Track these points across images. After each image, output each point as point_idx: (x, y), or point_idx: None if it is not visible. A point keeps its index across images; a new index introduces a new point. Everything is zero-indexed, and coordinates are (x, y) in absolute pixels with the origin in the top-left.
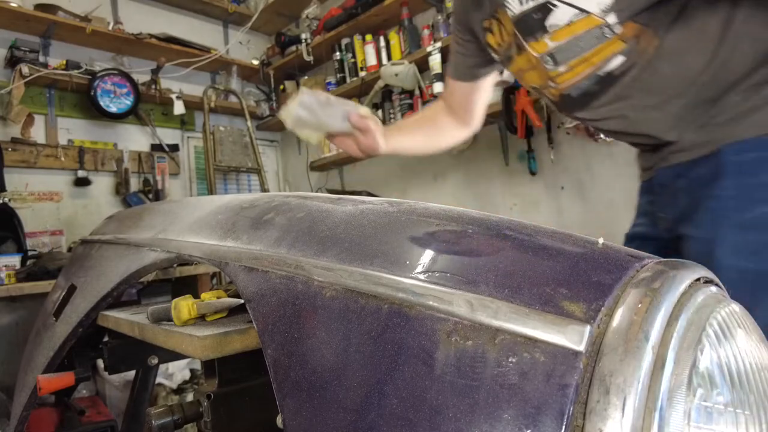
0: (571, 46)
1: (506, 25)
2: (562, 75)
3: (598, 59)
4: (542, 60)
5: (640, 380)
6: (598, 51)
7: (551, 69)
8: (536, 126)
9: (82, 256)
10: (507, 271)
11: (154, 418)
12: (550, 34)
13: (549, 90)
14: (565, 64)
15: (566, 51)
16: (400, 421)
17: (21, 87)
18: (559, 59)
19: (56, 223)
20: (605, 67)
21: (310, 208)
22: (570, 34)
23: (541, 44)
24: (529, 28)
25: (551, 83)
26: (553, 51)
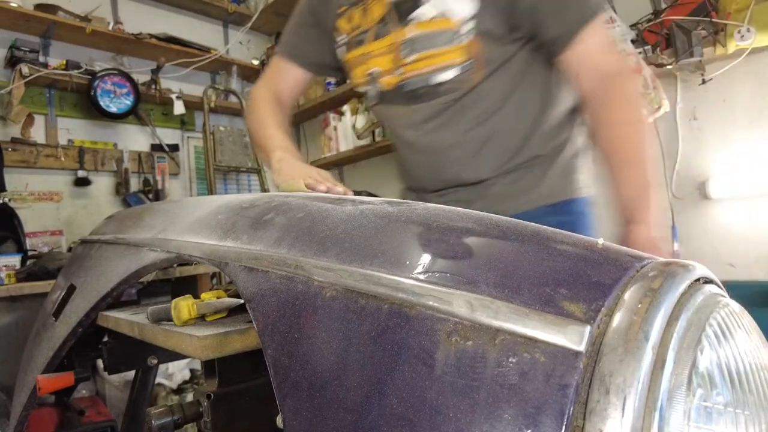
0: (425, 39)
1: (375, 10)
2: (409, 65)
3: (439, 60)
4: (401, 46)
5: (640, 380)
6: (442, 52)
7: (404, 56)
8: None
9: (81, 256)
10: (507, 271)
11: (154, 418)
12: (413, 24)
13: (391, 77)
14: (416, 54)
15: (421, 41)
16: (400, 421)
17: (21, 87)
18: (414, 47)
19: (56, 223)
20: (439, 76)
21: (310, 208)
22: (428, 28)
23: (402, 32)
24: (397, 15)
25: (400, 70)
26: (408, 40)
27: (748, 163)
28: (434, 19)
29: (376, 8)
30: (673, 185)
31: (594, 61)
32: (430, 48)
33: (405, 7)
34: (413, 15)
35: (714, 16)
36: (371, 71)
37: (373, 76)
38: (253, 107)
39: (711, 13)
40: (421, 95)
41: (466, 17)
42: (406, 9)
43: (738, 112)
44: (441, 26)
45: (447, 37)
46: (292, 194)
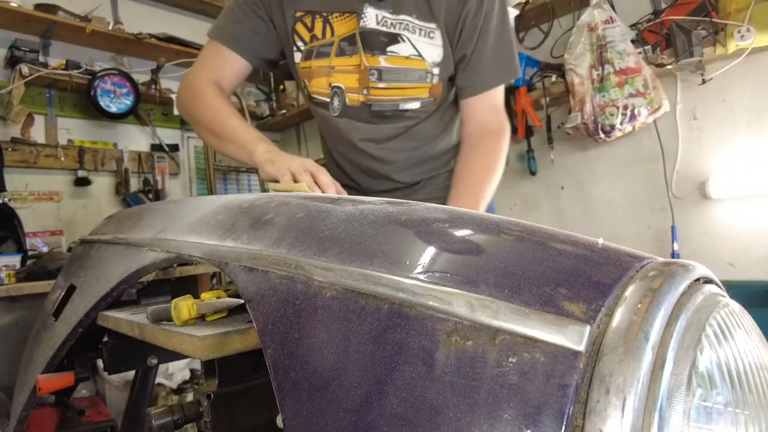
0: (398, 72)
1: (340, 27)
2: (378, 89)
3: (411, 93)
4: (369, 71)
5: (639, 380)
6: (414, 86)
7: (373, 80)
8: (536, 126)
9: (81, 256)
10: (507, 271)
11: (154, 418)
12: (386, 56)
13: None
14: (385, 83)
15: (393, 74)
16: (400, 421)
17: (21, 87)
18: (384, 77)
19: (56, 223)
20: (407, 104)
21: (310, 208)
22: (403, 64)
23: (375, 60)
24: (370, 43)
25: (365, 91)
26: (381, 69)
27: (748, 163)
28: (410, 57)
29: (339, 25)
30: (673, 185)
31: (483, 115)
32: (401, 80)
33: (375, 39)
34: (390, 49)
35: (714, 16)
36: (337, 85)
37: (338, 90)
38: (199, 94)
39: (711, 13)
40: (388, 117)
41: (435, 62)
42: (380, 40)
43: (738, 112)
44: (414, 65)
45: (420, 74)
46: (291, 194)
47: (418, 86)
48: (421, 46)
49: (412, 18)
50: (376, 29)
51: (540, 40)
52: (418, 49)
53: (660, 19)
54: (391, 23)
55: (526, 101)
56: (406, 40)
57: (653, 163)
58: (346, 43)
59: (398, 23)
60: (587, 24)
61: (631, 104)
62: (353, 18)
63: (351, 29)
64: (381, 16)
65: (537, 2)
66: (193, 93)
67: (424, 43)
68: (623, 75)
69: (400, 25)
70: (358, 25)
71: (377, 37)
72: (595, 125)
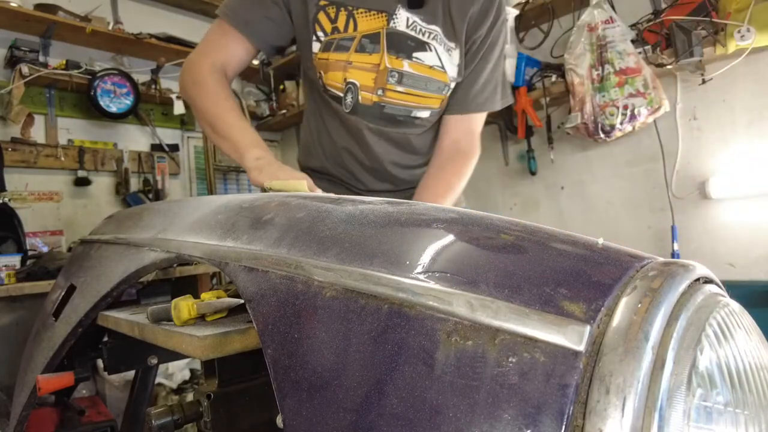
0: (420, 80)
1: (364, 23)
2: (395, 92)
3: (426, 102)
4: (389, 72)
5: (639, 380)
6: (431, 96)
7: (391, 83)
8: (536, 126)
9: (81, 256)
10: (507, 271)
11: (154, 418)
12: (411, 61)
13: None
14: (404, 87)
15: (414, 80)
16: (400, 421)
17: (21, 87)
18: (404, 81)
19: (56, 223)
20: (420, 112)
21: (310, 208)
22: (427, 72)
23: (398, 63)
24: (396, 45)
25: (380, 91)
26: (403, 72)
27: (748, 163)
28: (434, 67)
29: (364, 21)
30: (673, 185)
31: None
32: (421, 88)
33: (403, 42)
34: (417, 55)
35: (714, 16)
36: (352, 81)
37: (353, 86)
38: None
39: (711, 13)
40: (400, 121)
41: (453, 77)
42: (408, 44)
43: (738, 112)
44: (437, 76)
45: (439, 86)
46: (291, 194)
47: (434, 96)
48: (445, 61)
49: (440, 31)
50: (406, 32)
51: (540, 40)
52: (442, 61)
53: (660, 19)
54: (421, 30)
55: (526, 101)
56: (433, 49)
57: (653, 163)
58: (368, 41)
59: (429, 32)
60: (587, 24)
61: (631, 104)
62: (382, 17)
63: (376, 27)
64: (412, 20)
65: (537, 2)
66: (196, 78)
67: (447, 59)
68: (623, 75)
69: (430, 34)
70: (387, 25)
71: (405, 41)
72: (595, 125)
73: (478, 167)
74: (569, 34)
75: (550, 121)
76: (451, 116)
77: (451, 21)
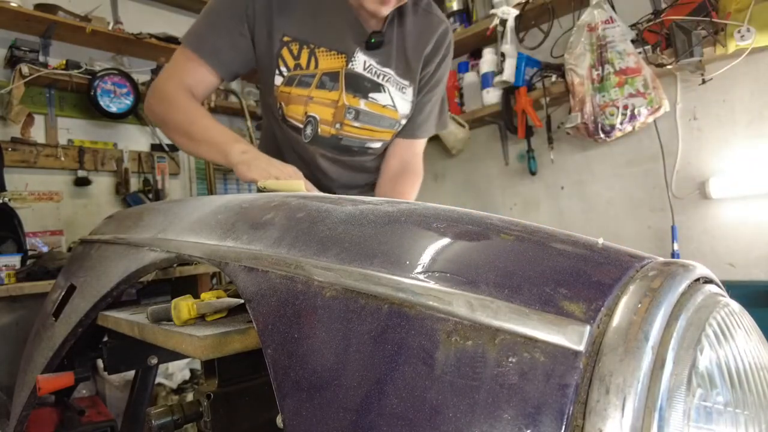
0: (374, 117)
1: (324, 62)
2: (352, 127)
3: (378, 135)
4: (347, 109)
5: (639, 380)
6: (384, 131)
7: (348, 118)
8: (536, 126)
9: (81, 256)
10: (507, 271)
11: (153, 418)
12: (367, 101)
13: (329, 128)
14: (360, 123)
15: (369, 117)
16: (400, 421)
17: (21, 87)
18: (360, 118)
19: (56, 223)
20: (372, 144)
21: (309, 208)
22: (380, 111)
23: (355, 101)
24: (354, 85)
25: (338, 125)
26: (360, 110)
27: (748, 163)
28: (387, 106)
29: (324, 60)
30: (673, 185)
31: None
32: (375, 124)
33: (359, 84)
34: (372, 95)
35: (714, 16)
36: (312, 115)
37: (313, 119)
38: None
39: (711, 13)
40: (354, 151)
41: (404, 115)
42: (364, 86)
43: (738, 112)
44: (389, 114)
45: (390, 123)
46: (291, 194)
47: (386, 131)
48: (397, 100)
49: (393, 73)
50: (363, 74)
51: (540, 40)
52: (394, 101)
53: (660, 19)
54: (376, 72)
55: (526, 101)
56: (386, 91)
57: (653, 163)
58: (328, 78)
59: (383, 75)
60: (587, 24)
61: (631, 104)
62: (341, 57)
63: (335, 67)
64: (368, 63)
65: (537, 2)
66: (163, 96)
67: (399, 97)
68: (623, 75)
69: (384, 77)
70: (346, 66)
71: (362, 82)
72: (595, 125)
73: (478, 167)
74: (569, 34)
75: (550, 121)
76: (399, 139)
77: (405, 61)
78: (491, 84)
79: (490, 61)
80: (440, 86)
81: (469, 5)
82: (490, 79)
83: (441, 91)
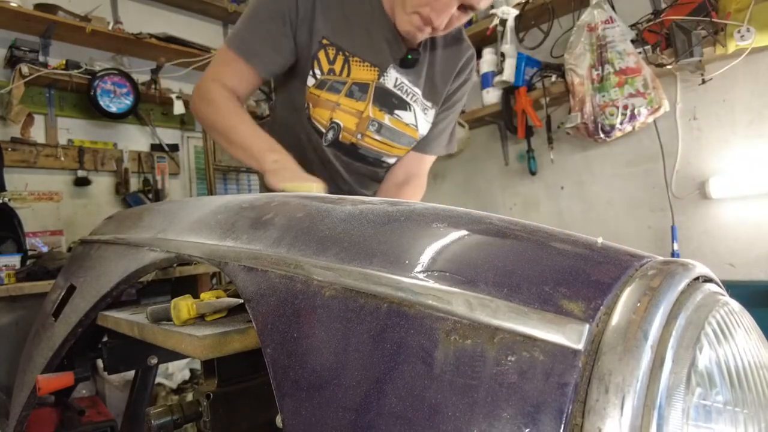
0: (395, 133)
1: (357, 72)
2: (372, 140)
3: (395, 152)
4: (370, 121)
5: (639, 379)
6: (401, 148)
7: (371, 131)
8: (536, 126)
9: (81, 256)
10: (506, 270)
11: (153, 418)
12: (392, 117)
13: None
14: (381, 137)
15: (391, 133)
16: (399, 420)
17: (21, 87)
18: (382, 132)
19: (56, 223)
20: (388, 158)
21: (309, 208)
22: (402, 128)
23: (380, 115)
24: (381, 100)
25: (359, 135)
26: (383, 124)
27: (748, 163)
28: (409, 125)
29: (357, 69)
30: (673, 185)
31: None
32: (394, 140)
33: (386, 99)
34: (397, 112)
35: (714, 16)
36: (336, 122)
37: (336, 126)
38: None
39: (711, 13)
40: (370, 162)
41: (422, 134)
42: (392, 102)
43: (738, 112)
44: (409, 132)
45: (409, 141)
46: (291, 194)
47: (404, 148)
48: (420, 120)
49: (420, 93)
50: (392, 91)
51: (540, 40)
52: (417, 121)
53: (660, 19)
54: (406, 90)
55: (526, 101)
56: (412, 110)
57: (653, 163)
58: (357, 88)
59: (411, 94)
60: (587, 24)
61: (631, 104)
62: (374, 70)
63: (367, 78)
64: (400, 80)
65: (537, 2)
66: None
67: (422, 117)
68: (623, 75)
69: (412, 96)
70: (378, 80)
71: (390, 98)
72: (595, 125)
73: (478, 167)
74: (569, 34)
75: (550, 121)
76: (410, 152)
77: (432, 83)
78: (491, 84)
79: (490, 61)
80: (456, 107)
81: None
82: (490, 79)
83: (456, 112)
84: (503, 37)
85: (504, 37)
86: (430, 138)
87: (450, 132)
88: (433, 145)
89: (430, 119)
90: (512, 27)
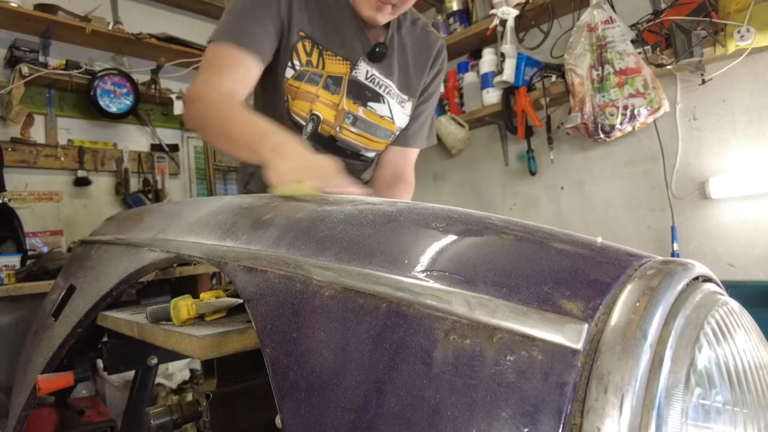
0: (371, 126)
1: (330, 65)
2: (350, 132)
3: (373, 145)
4: (345, 114)
5: (638, 379)
6: (379, 141)
7: (347, 123)
8: (536, 126)
9: (81, 257)
10: (505, 270)
11: (153, 418)
12: (366, 109)
13: (329, 128)
14: (357, 129)
15: (366, 125)
16: (398, 420)
17: (21, 87)
18: (357, 125)
19: (56, 223)
20: (367, 152)
21: (309, 208)
22: (377, 121)
23: (354, 107)
24: (354, 92)
25: (338, 128)
26: (357, 116)
27: (748, 163)
28: (384, 117)
29: (330, 63)
30: (673, 185)
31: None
32: (371, 133)
33: (360, 91)
34: (371, 104)
35: (714, 16)
36: (316, 113)
37: (316, 117)
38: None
39: (711, 13)
40: (349, 155)
41: (400, 127)
42: (365, 94)
43: (738, 112)
44: (385, 125)
45: (386, 134)
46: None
47: (381, 141)
48: (396, 112)
49: (394, 85)
50: (364, 83)
51: (540, 40)
52: (393, 113)
53: (660, 19)
54: (378, 82)
55: (526, 101)
56: (386, 102)
57: (653, 163)
58: (332, 81)
59: (384, 86)
60: (587, 24)
61: (631, 104)
62: (346, 64)
63: (340, 72)
64: (371, 73)
65: (537, 2)
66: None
67: (398, 110)
68: (623, 75)
69: (385, 88)
70: (350, 73)
71: (363, 90)
72: (595, 125)
73: (478, 167)
74: (569, 34)
75: (550, 121)
76: (392, 147)
77: (407, 76)
78: (491, 84)
79: (489, 62)
80: (433, 99)
81: (468, 5)
82: (490, 80)
83: (433, 104)
84: (503, 37)
85: (504, 37)
86: (412, 131)
87: (429, 124)
88: (416, 137)
89: (408, 112)
90: (512, 27)
